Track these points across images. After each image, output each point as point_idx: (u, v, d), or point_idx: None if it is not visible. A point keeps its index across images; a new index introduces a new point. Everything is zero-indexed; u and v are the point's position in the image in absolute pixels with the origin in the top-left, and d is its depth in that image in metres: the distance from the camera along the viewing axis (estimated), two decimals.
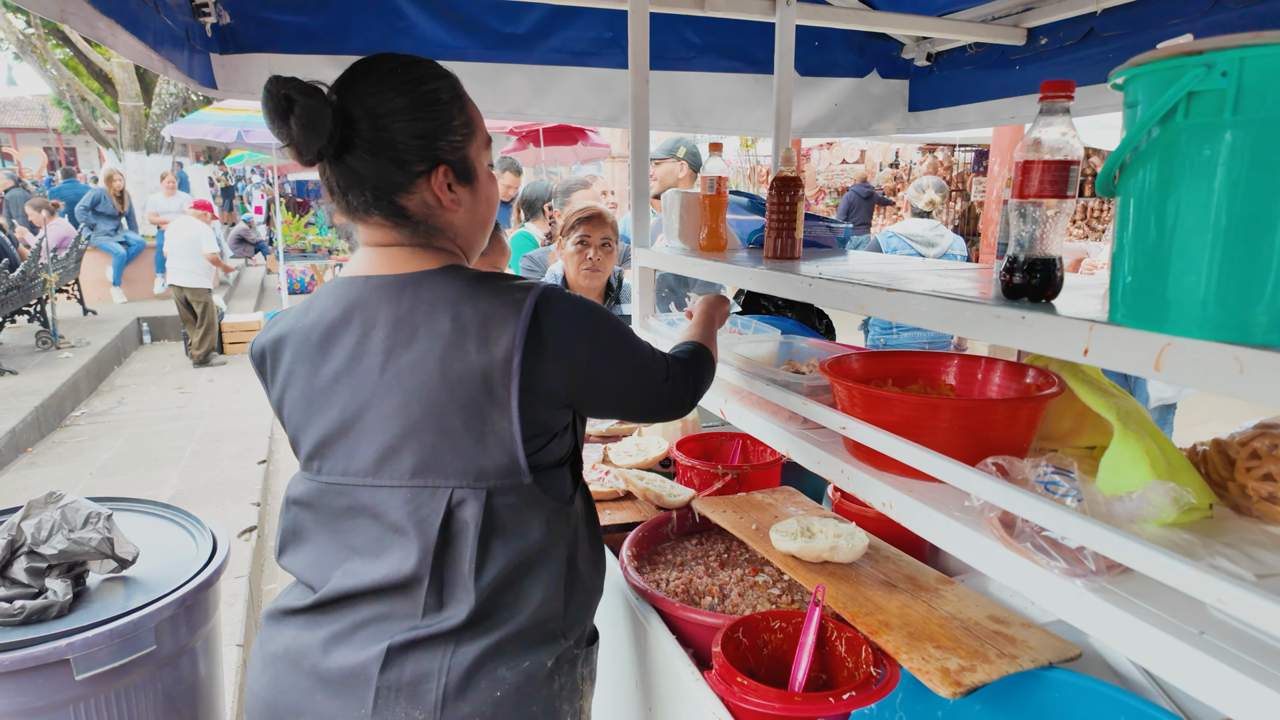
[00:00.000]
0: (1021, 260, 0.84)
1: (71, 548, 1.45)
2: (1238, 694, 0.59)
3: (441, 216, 0.97)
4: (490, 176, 1.04)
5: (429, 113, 0.93)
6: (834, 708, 0.93)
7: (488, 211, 1.05)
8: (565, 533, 0.99)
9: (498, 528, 0.93)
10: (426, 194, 0.95)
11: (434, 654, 0.90)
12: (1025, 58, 2.18)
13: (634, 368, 1.01)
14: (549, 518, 0.97)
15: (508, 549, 0.94)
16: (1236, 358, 0.59)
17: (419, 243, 0.97)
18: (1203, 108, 0.61)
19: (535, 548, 0.95)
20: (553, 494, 0.97)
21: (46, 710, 1.35)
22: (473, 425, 0.91)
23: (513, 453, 0.92)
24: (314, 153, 0.91)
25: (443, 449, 0.92)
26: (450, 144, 0.95)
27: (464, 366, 0.90)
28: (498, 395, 0.90)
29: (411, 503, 0.93)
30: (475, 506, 0.92)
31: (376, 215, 0.95)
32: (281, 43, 1.94)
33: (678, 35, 2.27)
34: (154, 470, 4.12)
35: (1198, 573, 0.61)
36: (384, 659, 0.89)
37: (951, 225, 11.20)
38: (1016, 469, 0.82)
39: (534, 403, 0.92)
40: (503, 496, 0.93)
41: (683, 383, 1.08)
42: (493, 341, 0.89)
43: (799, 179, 1.38)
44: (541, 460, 0.96)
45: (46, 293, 6.56)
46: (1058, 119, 0.81)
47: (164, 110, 10.43)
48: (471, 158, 0.98)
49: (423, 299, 0.93)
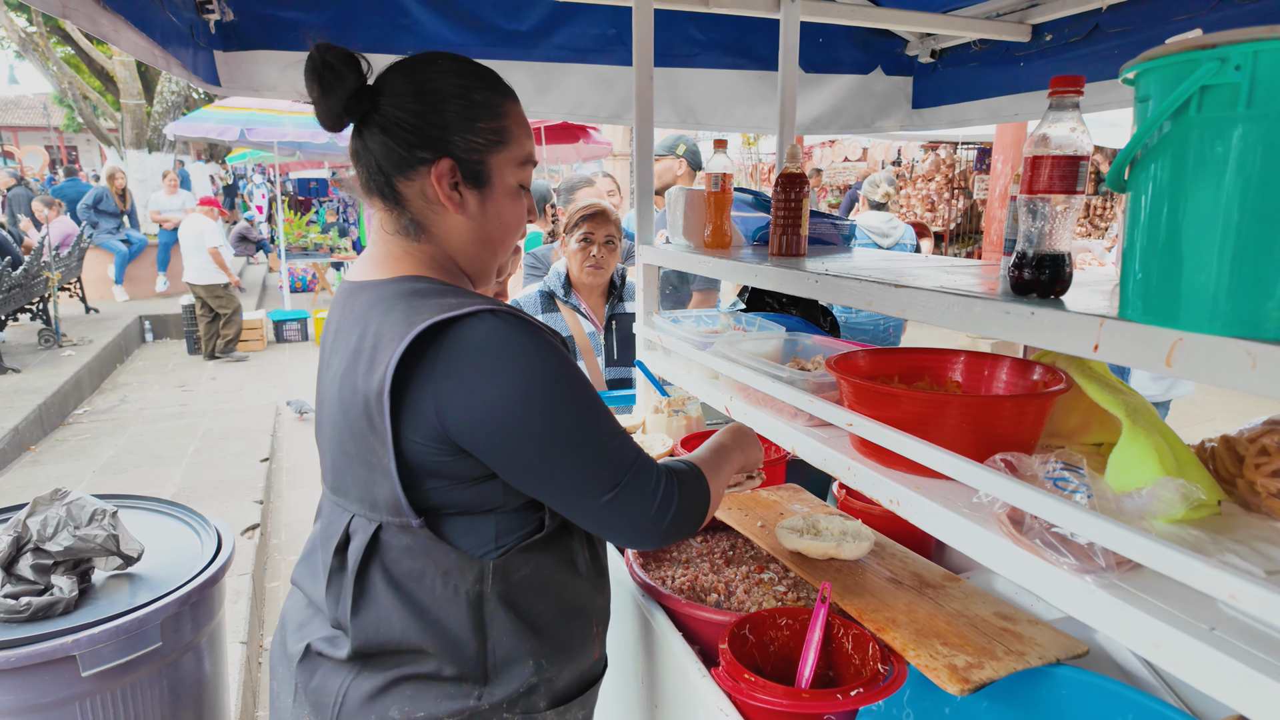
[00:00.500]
0: (1030, 256, 0.84)
1: (77, 545, 1.45)
2: (1249, 690, 0.59)
3: (438, 216, 0.93)
4: (513, 196, 0.96)
5: (453, 105, 0.90)
6: (841, 704, 0.93)
7: (498, 229, 0.96)
8: (471, 590, 0.88)
9: (383, 568, 0.88)
10: (426, 185, 0.91)
11: (335, 674, 0.90)
12: (1030, 54, 2.18)
13: (572, 442, 0.84)
14: (449, 569, 0.87)
15: (391, 596, 0.87)
16: (1249, 353, 0.59)
17: (404, 246, 0.94)
18: (1216, 102, 0.60)
19: (430, 599, 0.87)
20: (460, 544, 0.88)
21: (53, 707, 1.36)
22: (362, 452, 0.87)
23: (395, 489, 0.85)
24: (332, 116, 0.89)
25: (345, 470, 0.90)
26: (467, 142, 0.91)
27: (352, 389, 0.86)
28: (375, 425, 0.83)
29: (331, 516, 0.95)
30: (362, 539, 0.88)
31: (377, 197, 0.93)
32: (285, 39, 1.95)
33: (682, 32, 2.27)
34: (157, 468, 4.12)
35: (1209, 568, 0.61)
36: (301, 655, 0.93)
37: (954, 223, 11.19)
38: (1025, 465, 0.82)
39: (417, 442, 0.84)
40: (393, 535, 0.87)
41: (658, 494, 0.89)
42: (376, 365, 0.83)
43: (804, 175, 1.38)
44: (441, 504, 0.87)
45: (49, 291, 6.57)
46: (1067, 114, 0.80)
47: (166, 108, 10.43)
48: (490, 165, 0.93)
49: (355, 309, 0.91)
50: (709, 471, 1.01)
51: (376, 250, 0.96)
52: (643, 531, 0.90)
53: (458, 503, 0.88)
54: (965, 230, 11.08)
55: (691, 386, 1.51)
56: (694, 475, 0.98)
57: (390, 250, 0.94)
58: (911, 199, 11.54)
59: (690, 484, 0.96)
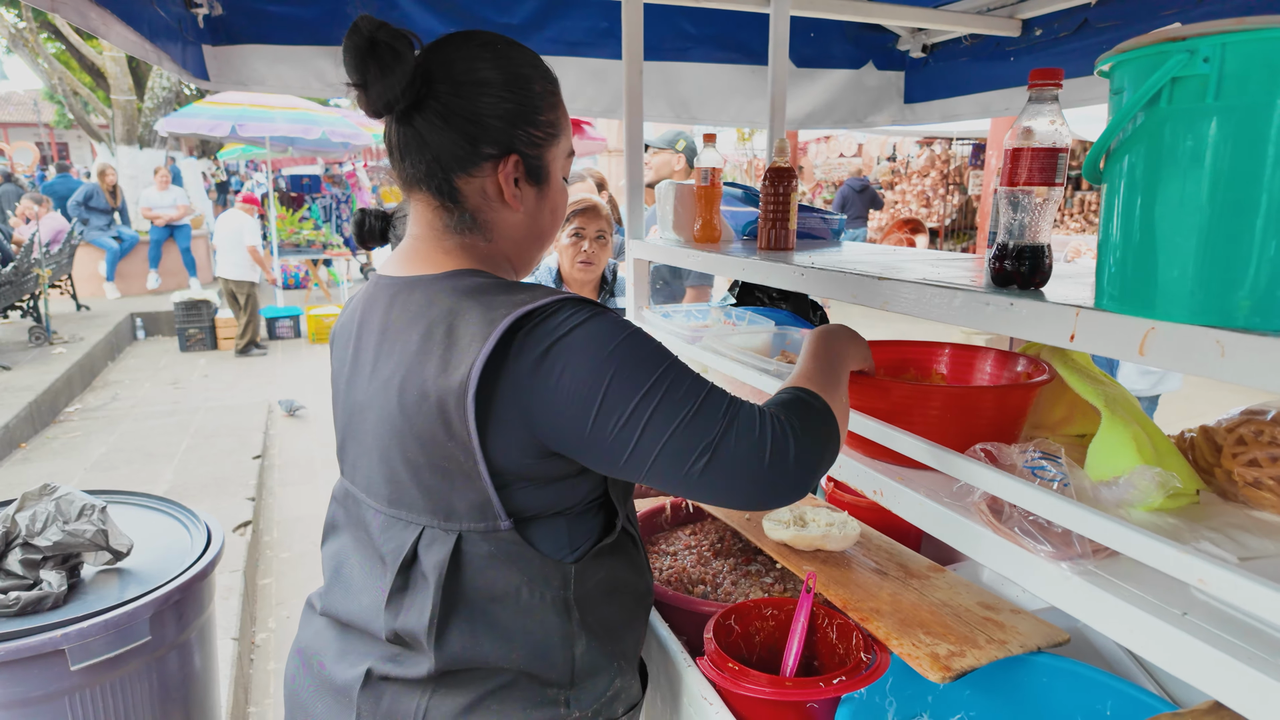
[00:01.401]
0: (1011, 248, 0.85)
1: (66, 539, 1.45)
2: (1220, 673, 0.60)
3: (495, 213, 0.87)
4: (562, 190, 0.92)
5: (518, 96, 0.84)
6: (824, 692, 0.94)
7: (550, 224, 0.93)
8: (556, 596, 0.85)
9: (466, 582, 0.82)
10: (489, 182, 0.85)
11: (409, 695, 0.84)
12: (1020, 49, 2.19)
13: (649, 404, 0.75)
14: (534, 576, 0.83)
15: (479, 613, 0.83)
16: (1218, 341, 0.59)
17: (456, 241, 0.87)
18: (1186, 93, 0.61)
19: (517, 610, 0.83)
20: (543, 548, 0.84)
21: (42, 701, 1.36)
22: (434, 459, 0.80)
23: (484, 492, 0.79)
24: (384, 102, 0.81)
25: (409, 480, 0.83)
26: (530, 137, 0.85)
27: (420, 392, 0.79)
28: (455, 430, 0.77)
29: (388, 531, 0.87)
30: (442, 552, 0.82)
31: (427, 191, 0.86)
32: (274, 34, 1.94)
33: (674, 26, 2.27)
34: (148, 465, 4.11)
35: (1179, 553, 0.62)
36: (363, 681, 0.86)
37: (949, 219, 11.22)
38: (1005, 455, 0.83)
39: (503, 445, 0.78)
40: (475, 544, 0.82)
41: (768, 441, 0.76)
42: (453, 365, 0.77)
43: (793, 170, 1.39)
44: (525, 507, 0.82)
45: (39, 288, 6.54)
46: (1046, 107, 0.81)
47: (156, 104, 10.37)
48: (548, 160, 0.88)
49: (410, 306, 0.84)
50: (824, 388, 0.86)
51: (420, 245, 0.88)
52: (764, 488, 0.77)
53: (535, 505, 0.83)
54: (960, 226, 11.11)
55: None
56: (805, 401, 0.83)
57: (440, 244, 0.88)
58: (907, 194, 11.57)
59: (806, 414, 0.81)
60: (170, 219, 9.26)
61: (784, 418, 0.79)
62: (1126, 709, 0.92)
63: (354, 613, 0.89)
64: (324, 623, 0.94)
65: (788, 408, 0.81)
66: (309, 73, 1.97)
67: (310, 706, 0.91)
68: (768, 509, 0.86)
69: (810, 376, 0.89)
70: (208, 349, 7.22)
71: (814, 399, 0.83)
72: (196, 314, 7.16)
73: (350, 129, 9.00)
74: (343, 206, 12.28)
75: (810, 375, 0.89)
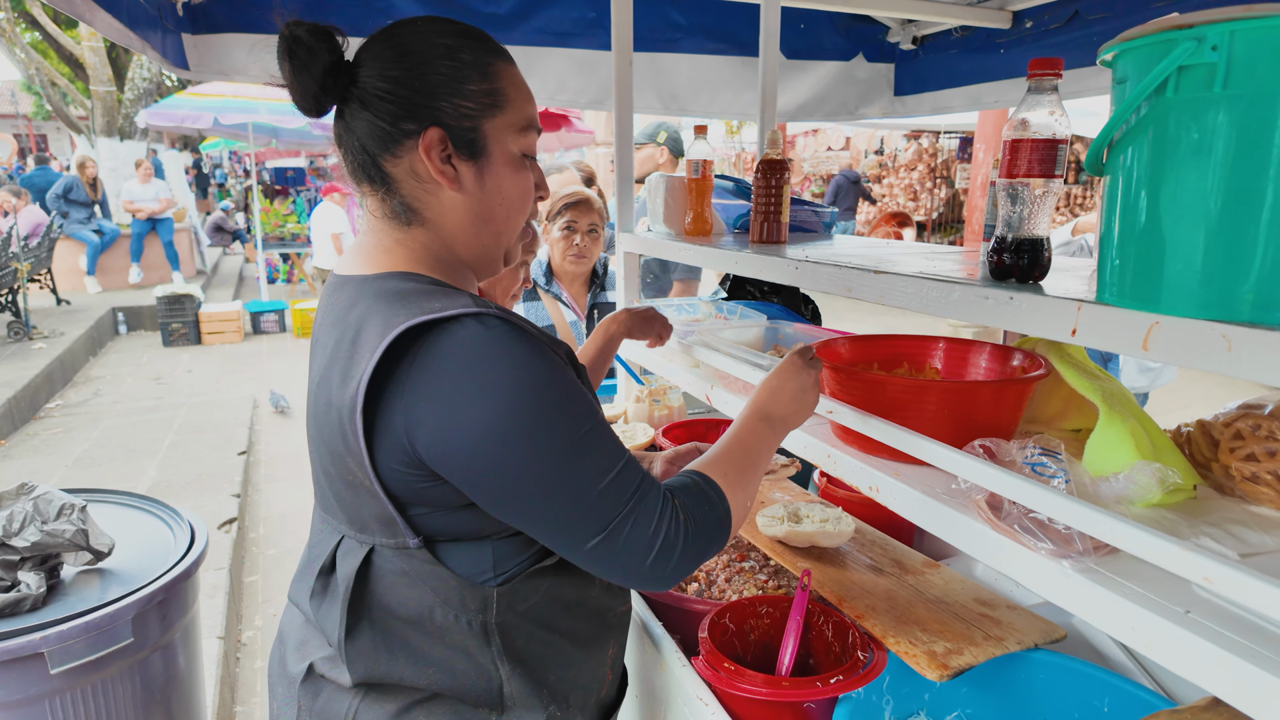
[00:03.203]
0: (1009, 241, 0.83)
1: (44, 540, 1.42)
2: (1223, 671, 0.59)
3: (431, 195, 0.82)
4: (515, 165, 0.84)
5: (436, 67, 0.79)
6: (821, 692, 0.93)
7: (500, 204, 0.84)
8: (474, 620, 0.80)
9: (376, 595, 0.80)
10: (415, 162, 0.80)
11: (341, 697, 0.83)
12: (1010, 41, 2.18)
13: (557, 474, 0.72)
14: (449, 597, 0.79)
15: (389, 631, 0.80)
16: (1225, 335, 0.58)
17: (396, 237, 0.84)
18: (1193, 82, 0.60)
19: (431, 632, 0.80)
20: (458, 569, 0.80)
21: (21, 705, 1.33)
22: (341, 470, 0.78)
23: (386, 508, 0.76)
24: (309, 99, 0.79)
25: (328, 488, 0.82)
26: (456, 107, 0.80)
27: (326, 402, 0.77)
28: (350, 444, 0.75)
29: (319, 533, 0.88)
30: (352, 563, 0.80)
31: (365, 182, 0.83)
32: (254, 22, 1.90)
33: (663, 16, 2.25)
34: (131, 462, 4.05)
35: (1184, 552, 0.61)
36: (304, 675, 0.86)
37: (936, 212, 11.26)
38: (1004, 451, 0.82)
39: (394, 466, 0.75)
40: (387, 559, 0.79)
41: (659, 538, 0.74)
42: (350, 377, 0.74)
43: (785, 162, 1.37)
44: (430, 531, 0.79)
45: (18, 282, 6.42)
46: (1046, 98, 0.80)
47: (137, 95, 10.20)
48: (485, 132, 0.82)
49: (335, 309, 0.82)
50: (732, 483, 0.83)
51: (366, 240, 0.86)
52: (641, 576, 0.75)
53: (447, 530, 0.79)
54: (947, 219, 11.16)
55: (673, 375, 1.50)
56: (710, 498, 0.80)
57: (380, 240, 0.84)
58: (894, 188, 11.60)
59: (708, 512, 0.79)
60: (152, 212, 9.13)
61: (683, 516, 0.77)
62: (1124, 705, 0.91)
63: (306, 605, 0.89)
64: (295, 610, 0.94)
65: (692, 498, 0.79)
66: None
67: (276, 690, 0.93)
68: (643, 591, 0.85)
69: (728, 460, 0.85)
70: (191, 344, 7.13)
71: (719, 498, 0.81)
72: (179, 308, 7.07)
73: None
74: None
75: (729, 459, 0.86)
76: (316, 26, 0.79)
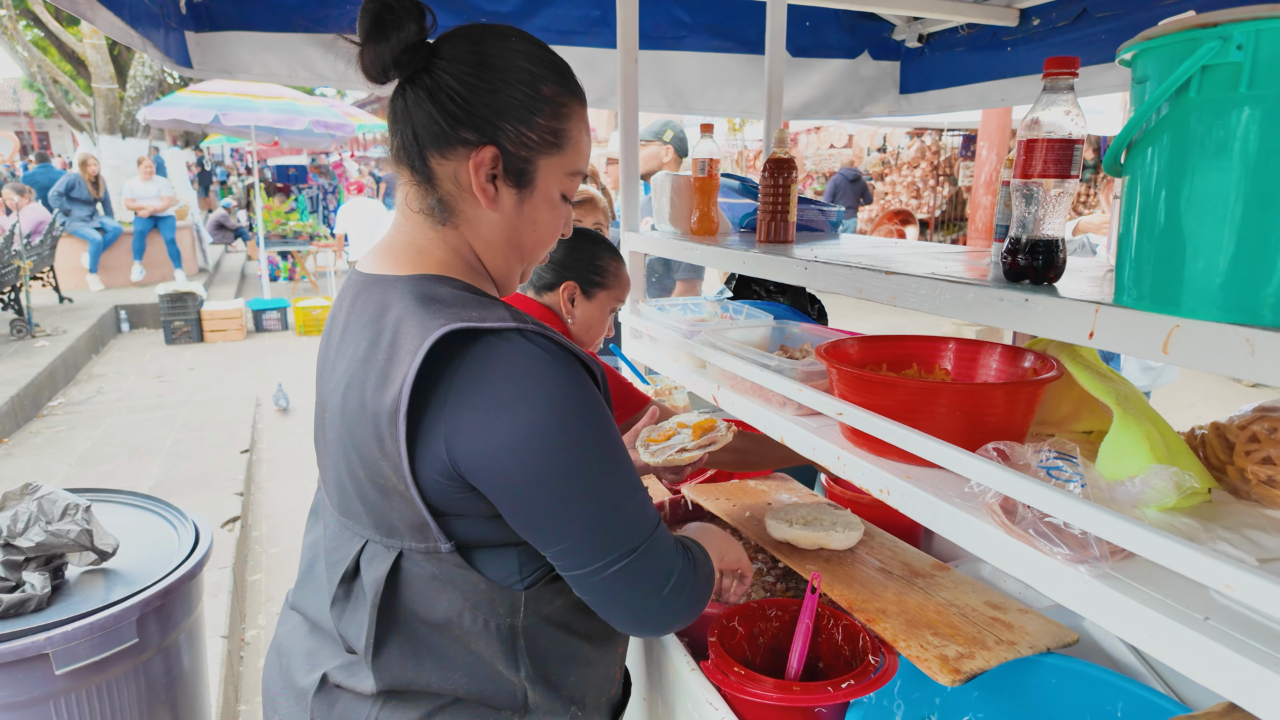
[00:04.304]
0: (1024, 242, 0.82)
1: (49, 540, 1.42)
2: (1244, 679, 0.58)
3: (468, 205, 0.82)
4: (553, 205, 0.85)
5: (514, 90, 0.79)
6: (833, 697, 0.92)
7: (530, 235, 0.85)
8: (502, 623, 0.81)
9: (404, 601, 0.79)
10: (461, 169, 0.80)
11: (359, 706, 0.82)
12: (1017, 39, 2.16)
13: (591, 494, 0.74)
14: (478, 601, 0.79)
15: (415, 634, 0.80)
16: (1248, 339, 0.58)
17: (430, 236, 0.83)
18: (1216, 82, 0.59)
19: (460, 637, 0.80)
20: (489, 573, 0.80)
21: (26, 705, 1.32)
22: (372, 474, 0.77)
23: (420, 514, 0.76)
24: (378, 66, 0.78)
25: (353, 491, 0.81)
26: (519, 135, 0.80)
27: (360, 405, 0.76)
28: (387, 449, 0.74)
29: (338, 538, 0.86)
30: (381, 568, 0.79)
31: (405, 168, 0.83)
32: (258, 20, 1.89)
33: (668, 14, 2.23)
34: (134, 460, 4.05)
35: (1205, 558, 0.60)
36: (318, 687, 0.85)
37: (938, 210, 11.23)
38: (1018, 454, 0.81)
39: (430, 474, 0.74)
40: (416, 563, 0.79)
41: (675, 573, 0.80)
42: (390, 381, 0.73)
43: (793, 161, 1.36)
44: (469, 538, 0.79)
45: (20, 280, 6.42)
46: (1061, 96, 0.79)
47: (139, 93, 10.19)
48: (538, 166, 0.82)
49: (367, 308, 0.81)
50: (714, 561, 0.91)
51: (398, 235, 0.85)
52: (649, 612, 0.79)
53: (478, 536, 0.79)
54: (950, 217, 11.13)
55: (679, 375, 1.50)
56: (706, 558, 0.87)
57: (413, 238, 0.84)
58: (897, 186, 11.57)
59: (703, 567, 0.85)
60: (154, 210, 9.12)
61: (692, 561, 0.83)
62: (1138, 711, 0.91)
63: (321, 611, 0.87)
64: (298, 619, 0.92)
65: (695, 554, 0.85)
66: (295, 61, 1.92)
67: (278, 704, 0.90)
68: (637, 633, 0.84)
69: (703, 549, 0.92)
70: (193, 342, 7.13)
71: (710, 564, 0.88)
72: (182, 306, 7.06)
73: (336, 119, 8.87)
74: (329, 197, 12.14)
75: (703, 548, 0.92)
76: (414, 4, 0.78)
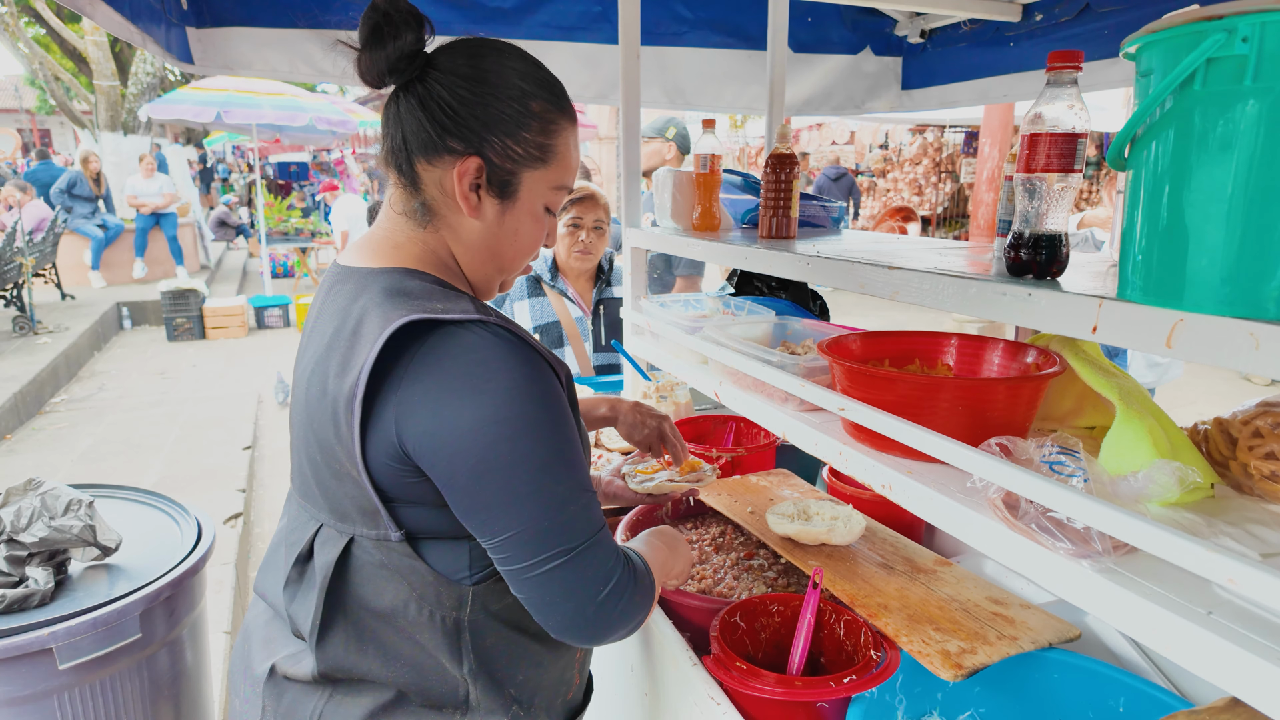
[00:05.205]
0: (1027, 236, 0.82)
1: (52, 535, 1.42)
2: (1247, 674, 0.58)
3: (450, 212, 0.85)
4: (535, 217, 0.87)
5: (504, 105, 0.82)
6: (834, 691, 0.92)
7: (510, 245, 0.87)
8: (447, 616, 0.81)
9: (352, 587, 0.81)
10: (446, 177, 0.82)
11: (306, 697, 0.84)
12: (1019, 34, 2.16)
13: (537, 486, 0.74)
14: (425, 593, 0.80)
15: (363, 625, 0.81)
16: (1252, 333, 0.57)
17: (410, 235, 0.86)
18: (1221, 75, 0.59)
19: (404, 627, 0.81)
20: (437, 566, 0.81)
21: (29, 700, 1.33)
22: (328, 458, 0.79)
23: (370, 498, 0.77)
24: (375, 72, 0.81)
25: (311, 475, 0.83)
26: (505, 148, 0.82)
27: (321, 390, 0.78)
28: (342, 434, 0.76)
29: (296, 519, 0.88)
30: (331, 552, 0.81)
31: (394, 170, 0.85)
32: (259, 16, 1.88)
33: (669, 10, 2.23)
34: (136, 457, 4.06)
35: (1209, 553, 0.60)
36: (267, 675, 0.86)
37: (941, 207, 11.21)
38: (1020, 449, 0.80)
39: (380, 457, 0.76)
40: (366, 550, 0.80)
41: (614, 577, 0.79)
42: (349, 368, 0.75)
43: (795, 156, 1.36)
44: (418, 524, 0.80)
45: (22, 277, 6.43)
46: (1065, 91, 0.78)
47: (140, 90, 10.19)
48: (522, 179, 0.84)
49: (338, 299, 0.83)
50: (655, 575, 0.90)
51: (379, 232, 0.87)
52: (583, 617, 0.78)
53: (427, 526, 0.80)
54: (952, 214, 11.11)
55: (681, 371, 1.50)
56: (647, 571, 0.88)
57: (392, 235, 0.86)
58: (899, 182, 11.55)
59: (643, 579, 0.85)
60: (156, 207, 9.13)
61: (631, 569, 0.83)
62: (1139, 705, 0.91)
63: (277, 595, 0.89)
64: (262, 605, 0.94)
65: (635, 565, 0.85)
66: (297, 57, 1.92)
67: (238, 688, 0.92)
68: (570, 639, 0.81)
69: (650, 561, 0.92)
70: (195, 339, 7.14)
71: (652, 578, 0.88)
72: (184, 303, 7.07)
73: (338, 115, 8.87)
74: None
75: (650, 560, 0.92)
76: (412, 9, 0.81)
